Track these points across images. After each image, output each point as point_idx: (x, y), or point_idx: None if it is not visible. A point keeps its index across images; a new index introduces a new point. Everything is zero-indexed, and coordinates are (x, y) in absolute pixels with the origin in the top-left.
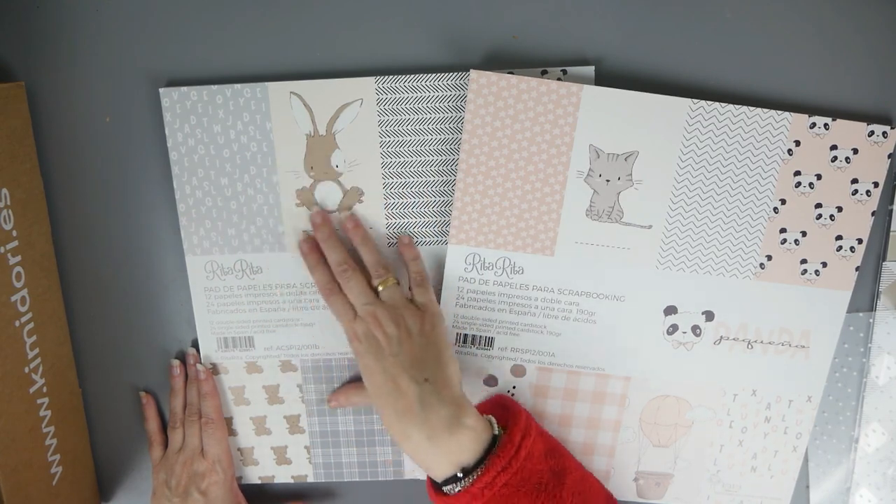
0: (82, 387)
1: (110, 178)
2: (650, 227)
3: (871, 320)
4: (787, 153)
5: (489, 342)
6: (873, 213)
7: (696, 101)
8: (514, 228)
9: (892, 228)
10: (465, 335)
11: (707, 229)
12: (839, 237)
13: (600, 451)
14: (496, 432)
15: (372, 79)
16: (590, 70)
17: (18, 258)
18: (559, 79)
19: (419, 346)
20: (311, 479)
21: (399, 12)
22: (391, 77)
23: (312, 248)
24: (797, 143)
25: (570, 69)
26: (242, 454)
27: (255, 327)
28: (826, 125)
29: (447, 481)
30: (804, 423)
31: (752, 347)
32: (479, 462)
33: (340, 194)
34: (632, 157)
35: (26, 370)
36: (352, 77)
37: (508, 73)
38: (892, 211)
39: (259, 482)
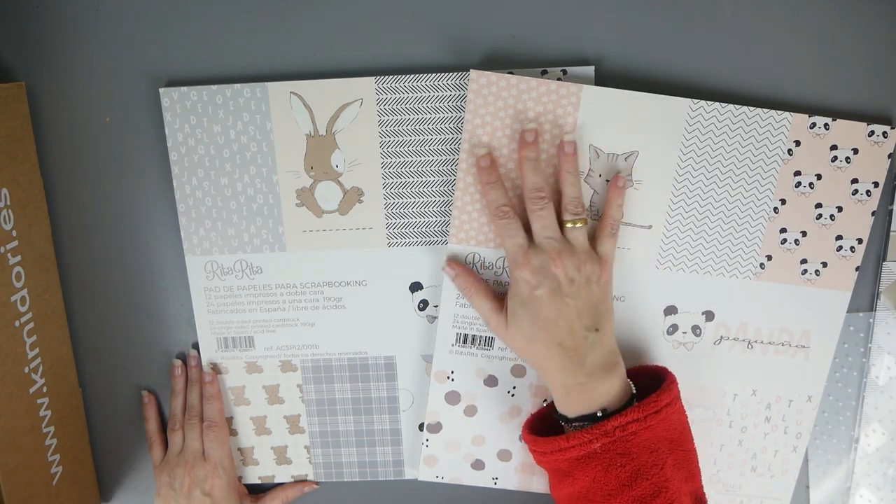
0: (82, 387)
1: (110, 178)
2: (650, 227)
3: (871, 320)
4: (787, 153)
5: (489, 342)
6: (873, 213)
7: (696, 101)
8: None
9: (892, 228)
10: (465, 335)
11: (707, 229)
12: (839, 237)
13: None
14: (633, 391)
15: (372, 79)
16: (590, 70)
17: (18, 258)
18: (559, 79)
19: (596, 295)
20: (311, 479)
21: (399, 12)
22: (391, 77)
23: (494, 165)
24: (797, 143)
25: (570, 69)
26: (242, 454)
27: (255, 327)
28: (826, 125)
29: (577, 419)
30: (804, 423)
31: (752, 347)
32: (621, 409)
33: (340, 194)
34: (632, 157)
35: (26, 370)
36: (352, 77)
37: (508, 73)
38: (892, 211)
39: (259, 482)
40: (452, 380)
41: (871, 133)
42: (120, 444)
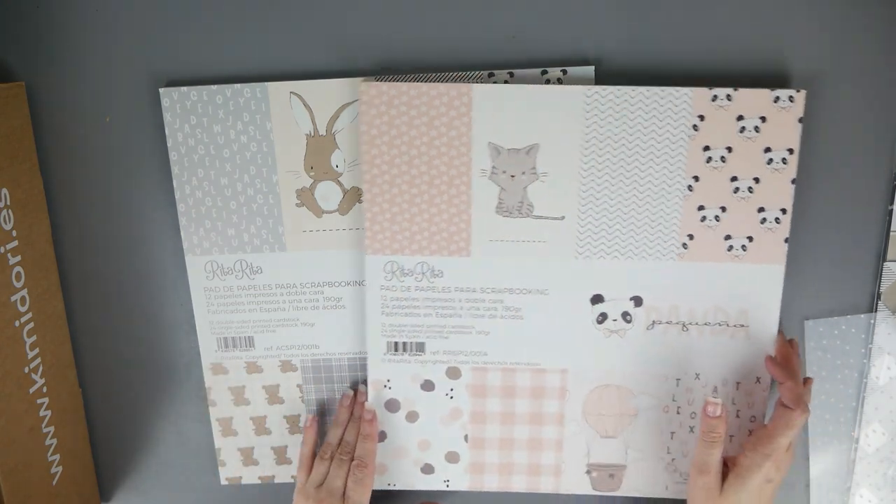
0: (82, 387)
1: (110, 177)
2: (563, 217)
3: (871, 321)
4: (692, 129)
5: (420, 347)
6: (793, 181)
7: (590, 87)
8: (428, 233)
9: (892, 228)
10: (396, 343)
11: (622, 214)
12: (761, 209)
13: (547, 446)
14: None
15: (372, 79)
16: (590, 70)
17: (18, 258)
18: (559, 79)
19: None
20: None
21: (399, 12)
22: (391, 77)
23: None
24: (701, 117)
25: (570, 69)
26: (242, 454)
27: (255, 327)
28: (728, 96)
29: None
30: (756, 405)
31: (687, 329)
32: None
33: (340, 194)
34: (533, 150)
35: (26, 370)
36: (352, 77)
37: (509, 73)
38: (892, 211)
39: (259, 482)
40: (389, 388)
41: (777, 99)
42: (120, 444)
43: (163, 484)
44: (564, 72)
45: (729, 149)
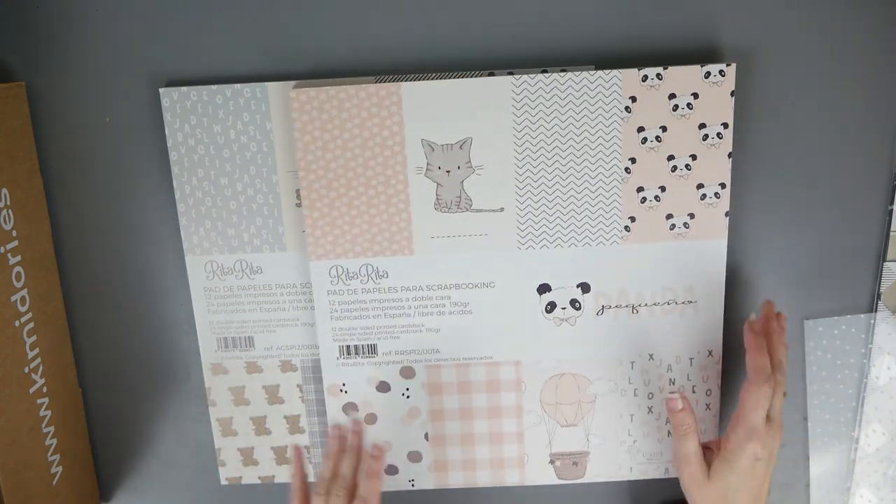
0: (82, 387)
1: (110, 178)
2: (502, 209)
3: (871, 321)
4: (624, 111)
5: (372, 349)
6: (730, 155)
7: (517, 76)
8: (369, 234)
9: (892, 228)
10: (348, 346)
11: (561, 202)
12: (700, 185)
13: (508, 439)
14: None
15: (372, 79)
16: (590, 70)
17: (18, 258)
18: None
19: None
20: (311, 479)
21: (398, 12)
22: (390, 77)
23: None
24: (633, 98)
25: (569, 69)
26: (242, 454)
27: (255, 327)
28: (659, 75)
29: None
30: (711, 378)
31: (636, 312)
32: None
33: None
34: (466, 143)
35: (26, 370)
36: (352, 77)
37: (509, 73)
38: (892, 211)
39: (259, 482)
40: (346, 392)
41: (708, 74)
42: (120, 444)
43: (163, 484)
44: (564, 71)
45: (663, 128)
